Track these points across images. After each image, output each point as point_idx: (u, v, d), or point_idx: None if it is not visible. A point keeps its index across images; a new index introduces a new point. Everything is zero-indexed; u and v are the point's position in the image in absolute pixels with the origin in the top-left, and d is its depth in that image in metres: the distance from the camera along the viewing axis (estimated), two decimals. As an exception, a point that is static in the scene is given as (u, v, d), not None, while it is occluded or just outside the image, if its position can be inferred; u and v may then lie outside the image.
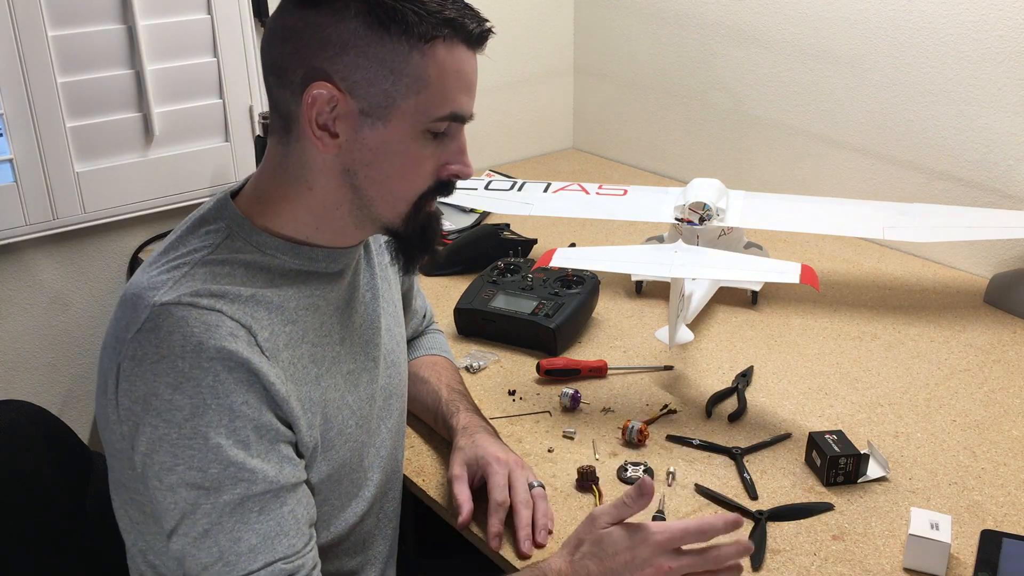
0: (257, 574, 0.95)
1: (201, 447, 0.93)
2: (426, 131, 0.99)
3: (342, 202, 1.02)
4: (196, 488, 0.94)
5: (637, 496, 1.02)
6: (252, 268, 1.01)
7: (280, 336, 1.00)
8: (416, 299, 1.43)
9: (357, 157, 0.99)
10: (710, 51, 2.23)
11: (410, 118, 0.98)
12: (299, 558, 0.98)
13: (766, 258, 1.75)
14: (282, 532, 0.97)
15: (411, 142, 0.99)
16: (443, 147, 1.02)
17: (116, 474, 1.04)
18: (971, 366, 1.54)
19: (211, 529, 0.94)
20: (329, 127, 0.98)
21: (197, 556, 0.95)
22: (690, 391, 1.48)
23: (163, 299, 0.95)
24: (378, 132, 0.98)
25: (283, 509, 0.98)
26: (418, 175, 1.02)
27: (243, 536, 0.95)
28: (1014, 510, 1.21)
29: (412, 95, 0.97)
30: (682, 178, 2.17)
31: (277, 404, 0.98)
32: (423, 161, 1.01)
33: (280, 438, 0.99)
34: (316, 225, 1.04)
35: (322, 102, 0.96)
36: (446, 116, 0.99)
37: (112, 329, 0.99)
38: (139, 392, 0.94)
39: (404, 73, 0.96)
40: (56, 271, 1.91)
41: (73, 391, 1.99)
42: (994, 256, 1.82)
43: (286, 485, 0.98)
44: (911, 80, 1.86)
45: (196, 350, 0.93)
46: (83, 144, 1.83)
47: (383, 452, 1.18)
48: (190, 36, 1.90)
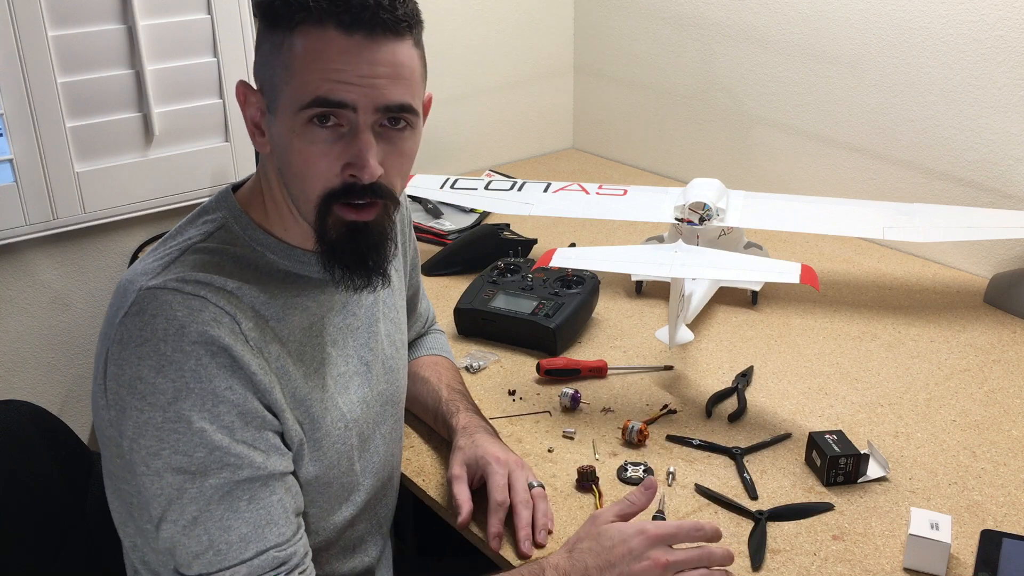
0: (250, 563, 0.95)
1: (185, 431, 0.93)
2: (307, 122, 0.94)
3: (288, 202, 1.03)
4: (182, 472, 0.94)
5: (641, 492, 1.05)
6: (241, 263, 1.02)
7: (264, 330, 1.00)
8: (421, 303, 1.43)
9: (276, 153, 1.00)
10: (710, 51, 2.23)
11: (287, 108, 0.96)
12: (290, 546, 0.98)
13: (766, 258, 1.75)
14: (272, 521, 0.97)
15: (296, 135, 0.95)
16: (346, 146, 0.96)
17: (107, 464, 1.05)
18: (971, 366, 1.54)
19: (199, 516, 0.94)
20: (260, 125, 1.01)
21: (187, 545, 0.95)
22: (690, 391, 1.48)
23: (149, 284, 0.96)
24: (275, 125, 0.99)
25: (272, 498, 0.98)
26: (314, 172, 0.96)
27: (233, 524, 0.95)
28: (1014, 510, 1.21)
29: (285, 84, 0.96)
30: (682, 178, 2.17)
31: (261, 393, 0.98)
32: (313, 158, 0.96)
33: (267, 426, 0.99)
34: (284, 226, 1.05)
35: (242, 99, 1.01)
36: (310, 102, 0.94)
37: (106, 316, 1.00)
38: (125, 376, 0.94)
39: (279, 63, 0.96)
40: (56, 271, 1.91)
41: (73, 391, 1.99)
42: (994, 256, 1.82)
43: (274, 473, 0.98)
44: (911, 80, 1.86)
45: (178, 333, 0.93)
46: (83, 144, 1.83)
47: (376, 458, 1.18)
48: (190, 36, 1.90)
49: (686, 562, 1.01)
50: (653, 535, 1.01)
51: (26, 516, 1.21)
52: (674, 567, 1.00)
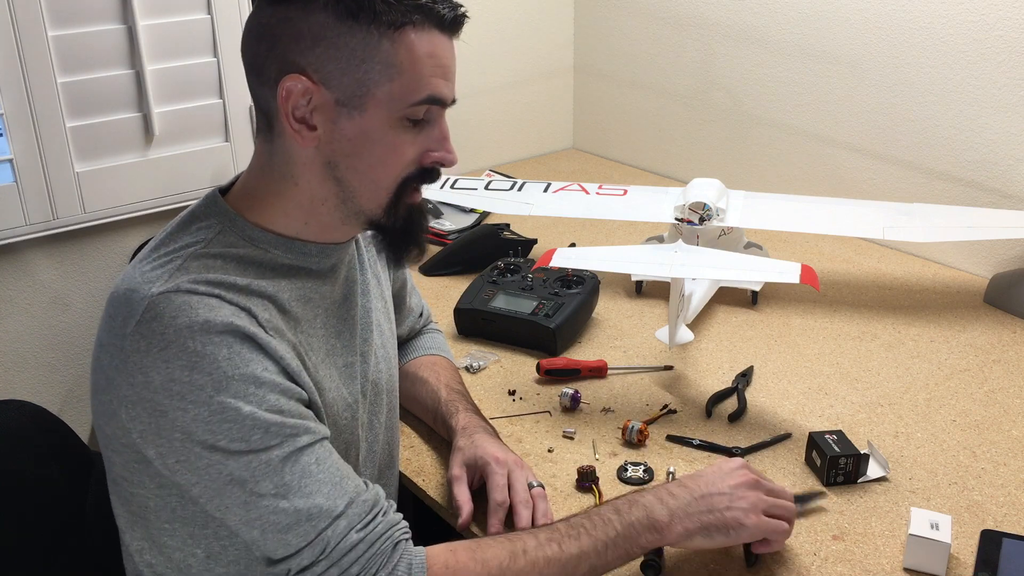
0: (346, 514, 0.96)
1: (235, 418, 0.92)
2: (404, 118, 1.00)
3: (328, 196, 1.03)
4: (245, 455, 0.93)
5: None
6: (245, 261, 1.02)
7: (280, 321, 1.01)
8: (411, 296, 1.43)
9: (337, 148, 1.00)
10: (710, 51, 2.23)
11: (386, 105, 0.98)
12: (371, 490, 1.00)
13: (766, 258, 1.75)
14: (345, 475, 0.99)
15: (389, 130, 1.00)
16: (424, 134, 1.02)
17: (116, 471, 1.03)
18: (971, 366, 1.54)
19: (278, 491, 0.94)
20: (307, 120, 0.99)
21: (276, 523, 0.94)
22: (690, 391, 1.48)
23: (160, 290, 0.95)
24: (355, 122, 0.99)
25: (333, 456, 0.99)
26: (399, 163, 1.02)
27: (312, 488, 0.95)
28: (1014, 510, 1.21)
29: (386, 82, 0.97)
30: (682, 178, 2.17)
31: (291, 375, 0.99)
32: (403, 148, 1.01)
33: (304, 400, 1.00)
34: (305, 220, 1.05)
35: (296, 95, 0.97)
36: (423, 100, 0.99)
37: (106, 327, 0.98)
38: (155, 382, 0.92)
39: (376, 61, 0.97)
40: (56, 271, 1.91)
41: (73, 391, 1.99)
42: (994, 256, 1.82)
43: (326, 435, 1.00)
44: (911, 80, 1.86)
45: (204, 328, 0.93)
46: (83, 144, 1.83)
47: (376, 448, 1.19)
48: (190, 36, 1.90)
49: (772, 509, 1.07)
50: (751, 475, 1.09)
51: (26, 515, 1.21)
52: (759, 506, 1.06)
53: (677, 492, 1.06)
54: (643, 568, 1.10)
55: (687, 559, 1.13)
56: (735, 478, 1.08)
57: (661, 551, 1.11)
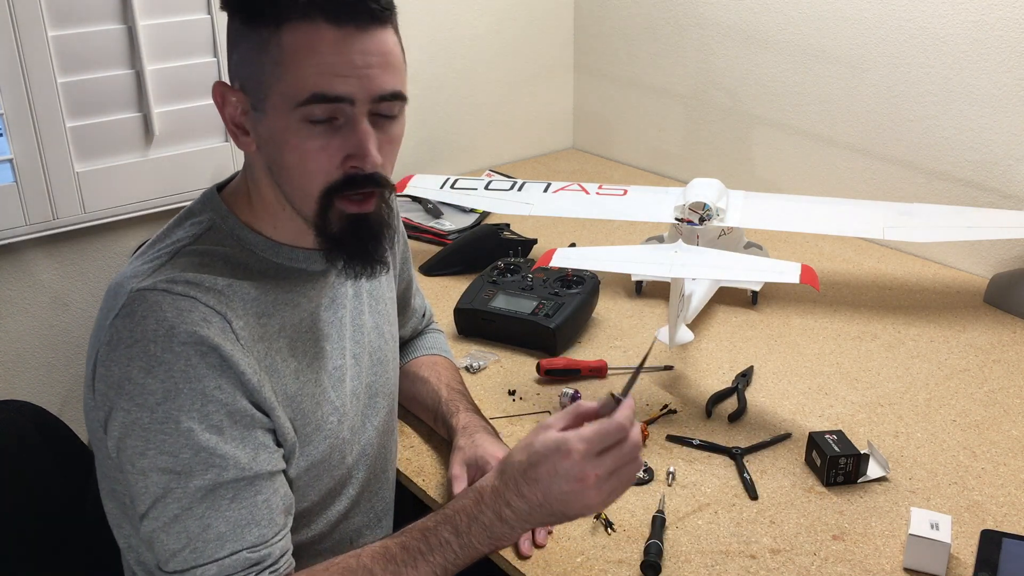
0: (222, 562, 0.95)
1: (173, 431, 0.93)
2: (303, 119, 0.94)
3: (280, 199, 1.02)
4: (167, 473, 0.94)
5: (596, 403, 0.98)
6: (230, 261, 1.02)
7: (255, 327, 1.00)
8: (415, 298, 1.43)
9: (265, 151, 1.00)
10: (710, 51, 2.23)
11: (280, 106, 0.96)
12: (266, 547, 0.98)
13: (766, 258, 1.75)
14: (253, 521, 0.97)
15: (293, 132, 0.95)
16: (342, 137, 0.96)
17: (100, 466, 1.05)
18: (971, 366, 1.54)
19: (181, 515, 0.94)
20: (242, 125, 1.00)
21: (166, 542, 0.95)
22: (690, 391, 1.48)
23: (139, 286, 0.96)
24: (265, 123, 0.98)
25: (257, 498, 0.97)
26: (315, 168, 0.97)
27: (212, 523, 0.95)
28: (1014, 510, 1.21)
29: (275, 82, 0.95)
30: (682, 178, 2.17)
31: (251, 391, 0.98)
32: (314, 153, 0.96)
33: (256, 424, 0.99)
34: (273, 224, 1.05)
35: (219, 100, 1.00)
36: (308, 99, 0.93)
37: (97, 319, 1.01)
38: (114, 376, 0.94)
39: (267, 61, 0.95)
40: (56, 271, 1.91)
41: (73, 391, 1.99)
42: (994, 256, 1.82)
43: (261, 473, 0.98)
44: (911, 80, 1.86)
45: (168, 334, 0.93)
46: (83, 144, 1.83)
47: (369, 451, 1.18)
48: (190, 36, 1.90)
49: (616, 463, 0.94)
50: (581, 451, 0.93)
51: (26, 516, 1.21)
52: (605, 476, 0.94)
53: (515, 503, 0.96)
54: (643, 568, 1.10)
55: (687, 559, 1.13)
56: (566, 466, 0.93)
57: (661, 551, 1.11)
